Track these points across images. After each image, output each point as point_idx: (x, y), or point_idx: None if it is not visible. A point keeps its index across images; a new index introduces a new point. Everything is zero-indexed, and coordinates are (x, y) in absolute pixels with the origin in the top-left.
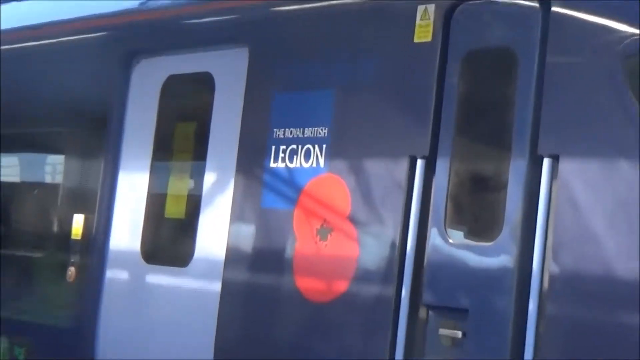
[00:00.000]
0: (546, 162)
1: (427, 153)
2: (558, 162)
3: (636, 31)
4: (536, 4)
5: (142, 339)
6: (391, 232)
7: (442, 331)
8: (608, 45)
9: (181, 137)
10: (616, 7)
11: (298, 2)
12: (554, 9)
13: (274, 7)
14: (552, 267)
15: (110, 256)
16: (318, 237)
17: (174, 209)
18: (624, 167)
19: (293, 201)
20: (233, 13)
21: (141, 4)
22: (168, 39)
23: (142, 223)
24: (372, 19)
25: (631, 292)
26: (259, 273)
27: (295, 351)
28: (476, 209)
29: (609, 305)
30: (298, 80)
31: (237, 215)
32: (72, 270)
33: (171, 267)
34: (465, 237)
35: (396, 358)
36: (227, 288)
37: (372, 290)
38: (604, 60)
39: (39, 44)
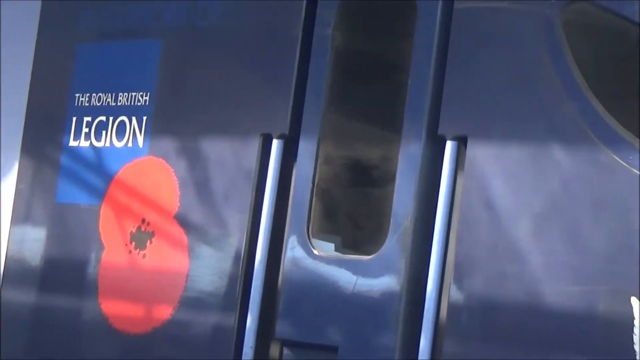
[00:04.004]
0: (449, 146)
1: (286, 130)
2: (465, 146)
3: None
4: None
5: None
6: (235, 238)
7: None
8: None
9: None
10: None
11: None
12: None
13: None
14: (453, 290)
15: None
16: (133, 244)
17: None
18: (557, 151)
19: (100, 194)
20: None
21: None
22: None
23: None
24: None
25: (562, 324)
26: (50, 295)
27: None
28: (353, 209)
29: (530, 344)
30: (110, 26)
31: (21, 213)
32: None
33: None
34: (338, 248)
35: None
36: (6, 314)
37: (206, 318)
38: (534, 6)
39: None
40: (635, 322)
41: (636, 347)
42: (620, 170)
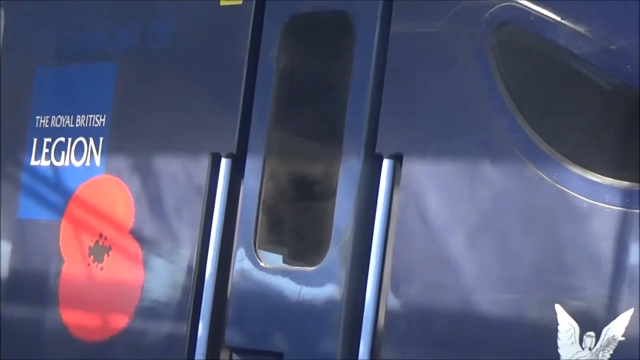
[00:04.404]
0: (386, 164)
1: (234, 150)
2: (401, 164)
3: None
4: None
5: None
6: (187, 251)
7: None
8: (473, 12)
9: None
10: None
11: None
12: None
13: None
14: (390, 300)
15: None
16: (91, 257)
17: None
18: (487, 167)
19: (59, 211)
20: None
21: None
22: None
23: None
24: None
25: (493, 330)
26: (13, 306)
27: None
28: (297, 223)
29: (461, 349)
30: (69, 50)
31: None
32: None
33: None
34: (286, 259)
35: None
36: None
37: (160, 327)
38: (466, 31)
39: None
40: (559, 327)
41: (560, 351)
42: (545, 185)
